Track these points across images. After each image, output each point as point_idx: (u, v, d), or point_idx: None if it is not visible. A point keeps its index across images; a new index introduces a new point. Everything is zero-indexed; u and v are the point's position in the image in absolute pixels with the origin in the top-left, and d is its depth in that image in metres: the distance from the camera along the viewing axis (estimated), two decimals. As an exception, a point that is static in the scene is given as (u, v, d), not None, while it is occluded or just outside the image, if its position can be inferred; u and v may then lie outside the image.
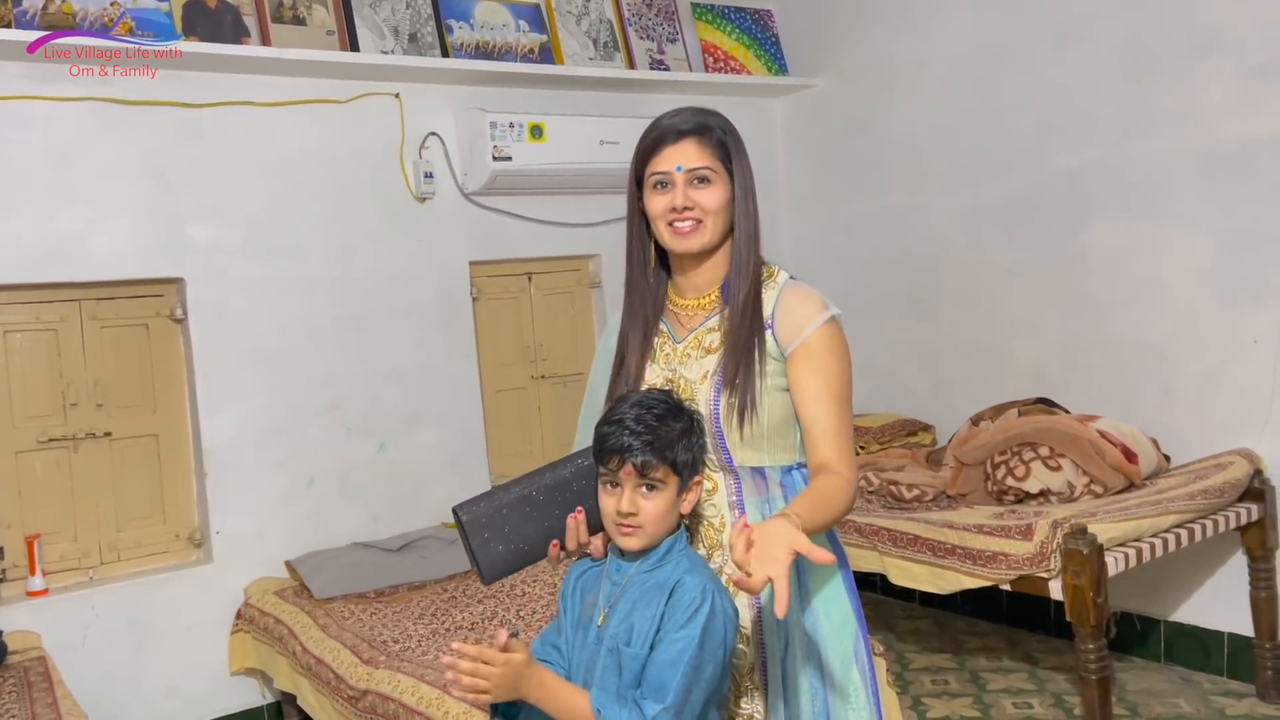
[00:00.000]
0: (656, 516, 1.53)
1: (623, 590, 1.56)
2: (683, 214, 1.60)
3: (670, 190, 1.61)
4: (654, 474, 1.52)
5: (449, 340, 3.83)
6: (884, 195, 4.37)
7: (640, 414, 1.55)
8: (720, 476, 1.64)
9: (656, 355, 1.69)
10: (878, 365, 4.45)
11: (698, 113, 1.67)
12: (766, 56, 4.61)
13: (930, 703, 3.34)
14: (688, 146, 1.62)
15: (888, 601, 4.38)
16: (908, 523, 3.14)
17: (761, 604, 1.60)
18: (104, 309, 3.27)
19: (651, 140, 1.65)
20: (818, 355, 1.60)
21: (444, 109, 3.81)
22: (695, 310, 1.70)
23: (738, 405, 1.59)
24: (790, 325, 1.61)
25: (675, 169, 1.61)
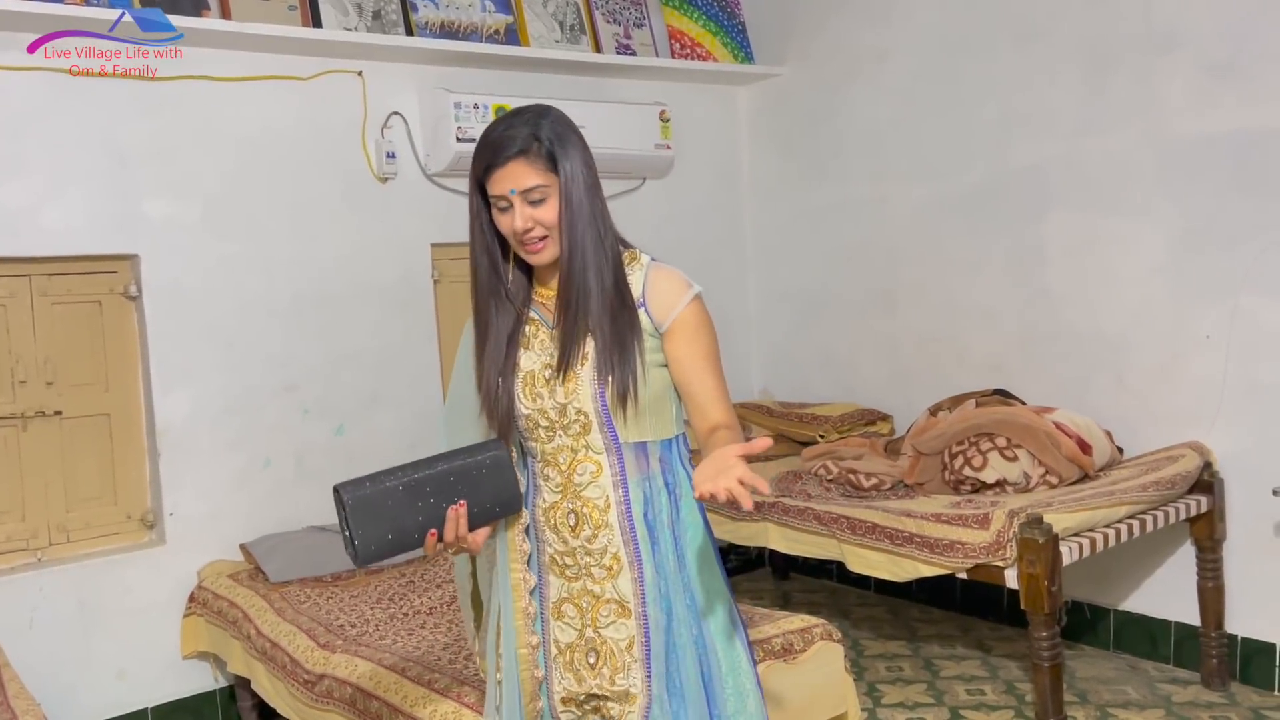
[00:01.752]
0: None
1: None
2: (526, 235, 1.63)
3: (510, 212, 1.63)
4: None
5: (409, 323, 3.79)
6: (846, 185, 4.39)
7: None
8: (604, 458, 1.68)
9: (531, 343, 1.71)
10: (837, 355, 4.49)
11: (524, 122, 1.64)
12: (733, 44, 4.60)
13: (885, 689, 3.38)
14: (517, 168, 1.61)
15: (843, 589, 4.42)
16: (866, 510, 3.16)
17: (645, 578, 1.68)
18: (55, 285, 3.19)
19: (485, 160, 1.64)
20: (694, 329, 1.68)
21: (407, 88, 3.77)
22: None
23: (620, 383, 1.65)
24: (661, 304, 1.68)
25: (510, 192, 1.61)
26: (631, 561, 1.68)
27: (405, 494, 1.56)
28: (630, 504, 1.68)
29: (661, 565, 1.68)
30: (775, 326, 4.74)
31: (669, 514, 1.71)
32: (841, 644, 2.57)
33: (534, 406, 1.69)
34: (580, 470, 1.68)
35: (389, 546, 1.56)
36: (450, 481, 1.59)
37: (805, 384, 4.58)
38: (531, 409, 1.69)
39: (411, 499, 1.56)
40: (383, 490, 1.55)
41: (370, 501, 1.54)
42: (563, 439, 1.68)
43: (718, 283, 4.65)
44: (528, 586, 1.73)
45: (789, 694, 2.38)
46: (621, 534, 1.68)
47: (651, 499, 1.70)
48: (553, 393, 1.67)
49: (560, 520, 1.71)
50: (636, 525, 1.68)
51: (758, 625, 2.53)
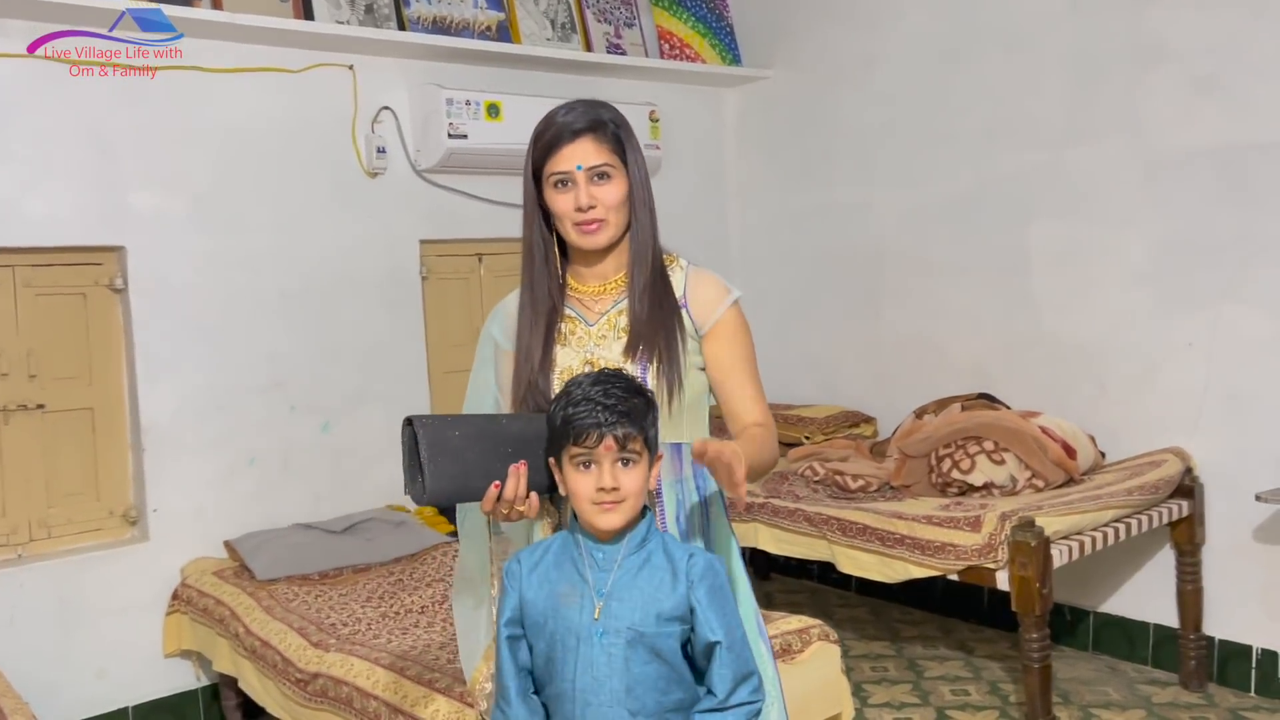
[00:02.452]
0: (638, 490, 1.51)
1: (621, 575, 1.55)
2: (588, 213, 1.63)
3: (572, 189, 1.63)
4: (633, 446, 1.51)
5: (397, 319, 3.76)
6: (831, 189, 4.42)
7: (608, 389, 1.54)
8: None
9: (568, 339, 1.70)
10: (821, 357, 4.52)
11: (590, 108, 1.67)
12: (721, 46, 4.62)
13: (871, 689, 3.41)
14: (585, 144, 1.63)
15: (824, 590, 4.45)
16: (857, 512, 3.19)
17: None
18: (40, 276, 3.13)
19: (548, 139, 1.64)
20: (733, 332, 1.70)
21: (398, 83, 3.74)
22: (601, 294, 1.72)
23: (666, 380, 1.64)
24: (702, 306, 1.69)
25: (575, 168, 1.62)
26: None
27: (475, 441, 1.53)
28: (664, 506, 1.67)
29: None
30: (759, 328, 4.63)
31: (700, 519, 1.70)
32: (837, 645, 2.59)
33: None
34: None
35: (457, 488, 1.53)
36: (513, 441, 1.56)
37: (789, 386, 4.61)
38: None
39: (480, 448, 1.53)
40: (455, 432, 1.52)
41: (444, 439, 1.50)
42: None
43: (702, 284, 4.66)
44: None
45: (788, 694, 2.38)
46: None
47: (684, 503, 1.69)
48: None
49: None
50: (669, 528, 1.67)
51: (755, 626, 2.54)
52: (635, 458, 1.51)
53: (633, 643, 1.51)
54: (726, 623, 1.53)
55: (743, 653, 1.54)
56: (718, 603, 1.52)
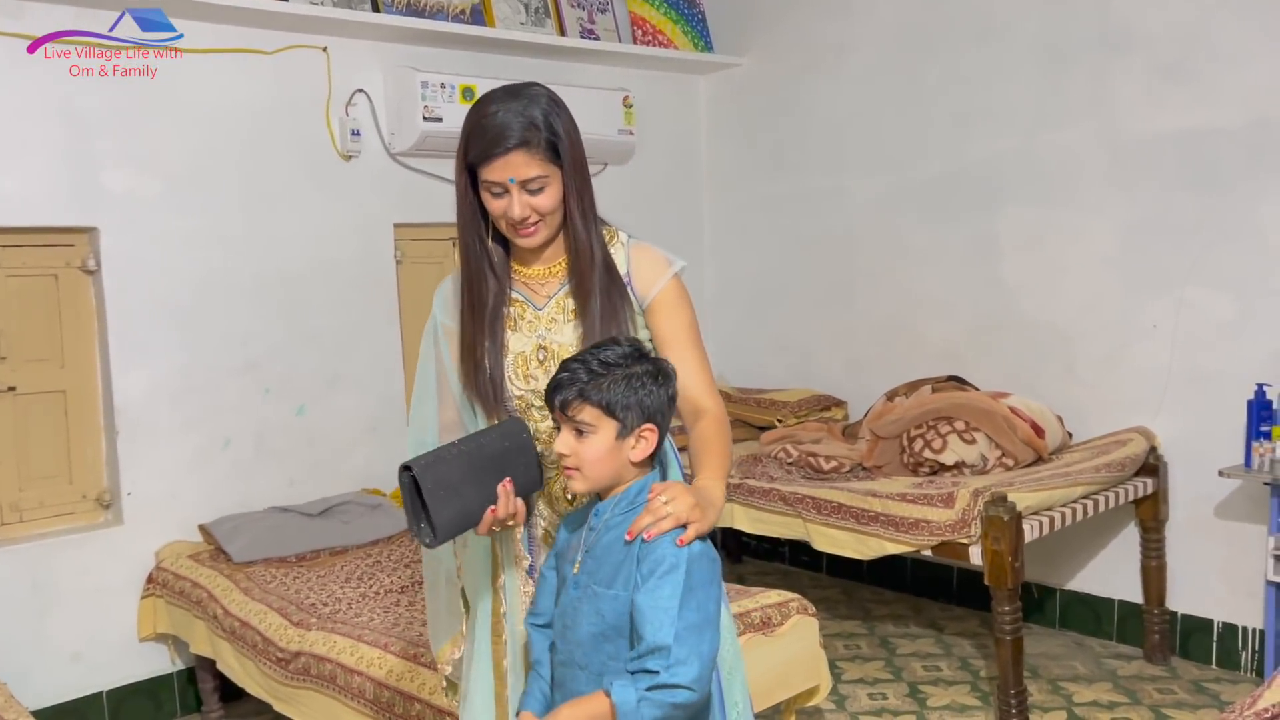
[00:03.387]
0: (592, 459, 1.52)
1: (599, 535, 1.57)
2: (522, 223, 1.63)
3: (506, 198, 1.62)
4: (578, 415, 1.52)
5: (371, 303, 3.75)
6: (804, 176, 4.46)
7: (587, 355, 1.56)
8: None
9: (518, 323, 1.71)
10: (794, 342, 4.56)
11: (519, 110, 1.61)
12: (693, 33, 4.64)
13: (844, 666, 3.46)
14: (516, 159, 1.59)
15: (795, 571, 4.51)
16: (831, 491, 3.23)
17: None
18: (10, 256, 3.09)
19: (480, 149, 1.61)
20: (675, 304, 1.71)
21: (372, 66, 3.73)
22: (547, 278, 1.72)
23: None
24: (645, 280, 1.70)
25: (509, 180, 1.60)
26: None
27: (465, 470, 1.56)
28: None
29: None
30: (731, 313, 4.80)
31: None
32: (815, 618, 2.63)
33: (527, 388, 1.69)
34: None
35: (461, 522, 1.57)
36: (494, 459, 1.59)
37: (761, 370, 4.65)
38: (524, 390, 1.69)
39: (470, 475, 1.56)
40: (448, 467, 1.55)
41: (441, 478, 1.54)
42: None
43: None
44: (522, 564, 1.75)
45: (768, 665, 2.43)
46: None
47: None
48: (548, 373, 1.64)
49: (556, 495, 1.71)
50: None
51: (737, 600, 2.57)
52: (587, 427, 1.52)
53: (592, 599, 1.54)
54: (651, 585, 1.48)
55: (657, 620, 1.46)
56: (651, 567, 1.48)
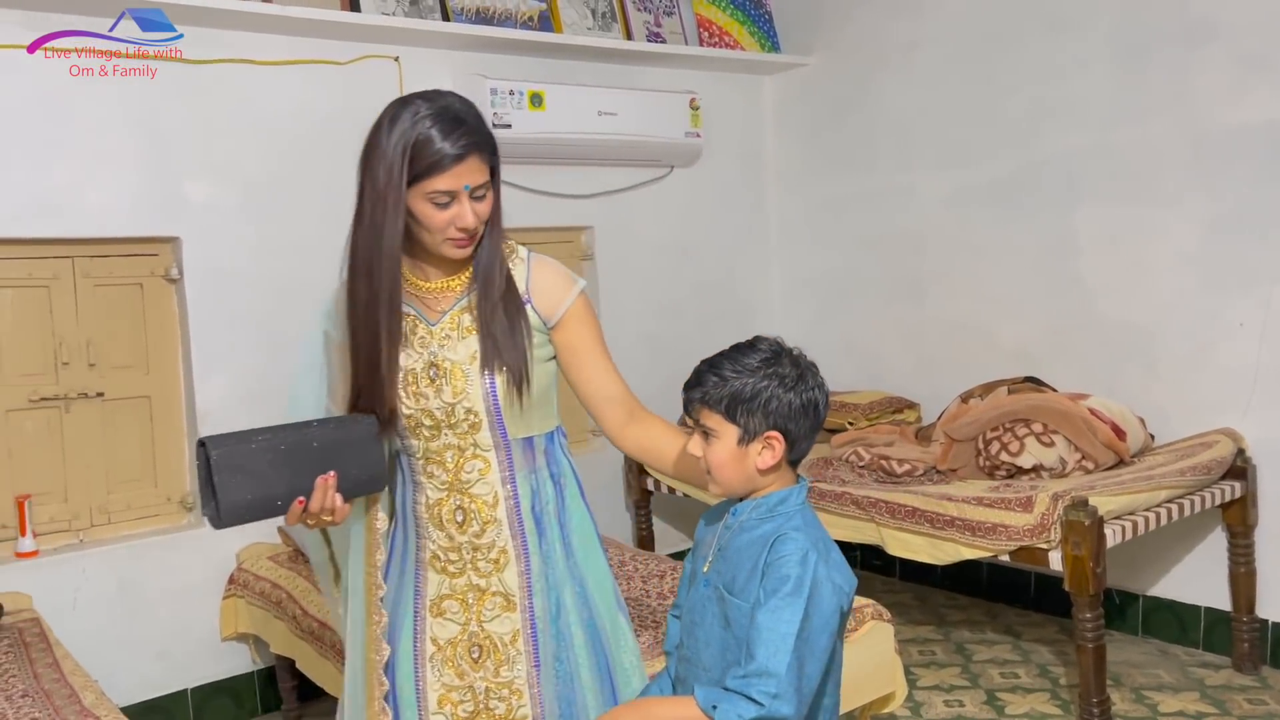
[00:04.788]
0: (717, 464, 1.52)
1: (733, 535, 1.56)
2: (469, 233, 1.59)
3: (454, 207, 1.56)
4: (702, 419, 1.52)
5: (443, 308, 3.79)
6: (872, 174, 4.41)
7: (719, 358, 1.55)
8: (492, 454, 1.67)
9: (409, 339, 1.65)
10: (863, 343, 4.51)
11: (468, 119, 1.59)
12: (760, 34, 4.62)
13: (920, 672, 3.41)
14: (472, 164, 1.56)
15: (867, 576, 4.45)
16: (906, 495, 3.19)
17: (531, 570, 1.69)
18: (97, 267, 3.19)
19: (431, 159, 1.54)
20: (582, 318, 1.70)
21: (442, 74, 3.77)
22: (444, 293, 1.68)
23: (513, 379, 1.63)
24: (548, 300, 1.68)
25: (463, 188, 1.56)
26: (518, 555, 1.68)
27: (275, 456, 1.49)
28: (519, 498, 1.69)
29: (549, 555, 1.70)
30: (800, 315, 4.76)
31: (555, 504, 1.72)
32: (890, 624, 2.60)
33: (416, 406, 1.64)
34: (468, 468, 1.67)
35: (254, 509, 1.49)
36: (320, 450, 1.53)
37: (831, 372, 4.53)
38: (414, 409, 1.65)
39: (282, 462, 1.49)
40: (252, 449, 1.47)
41: (239, 460, 1.46)
42: (449, 438, 1.65)
43: (742, 271, 4.68)
44: (378, 594, 1.70)
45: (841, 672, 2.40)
46: (510, 528, 1.68)
47: (538, 491, 1.70)
48: (439, 392, 1.64)
49: (447, 517, 1.68)
50: (524, 519, 1.69)
51: (808, 605, 2.54)
52: (712, 433, 1.51)
53: (720, 601, 1.54)
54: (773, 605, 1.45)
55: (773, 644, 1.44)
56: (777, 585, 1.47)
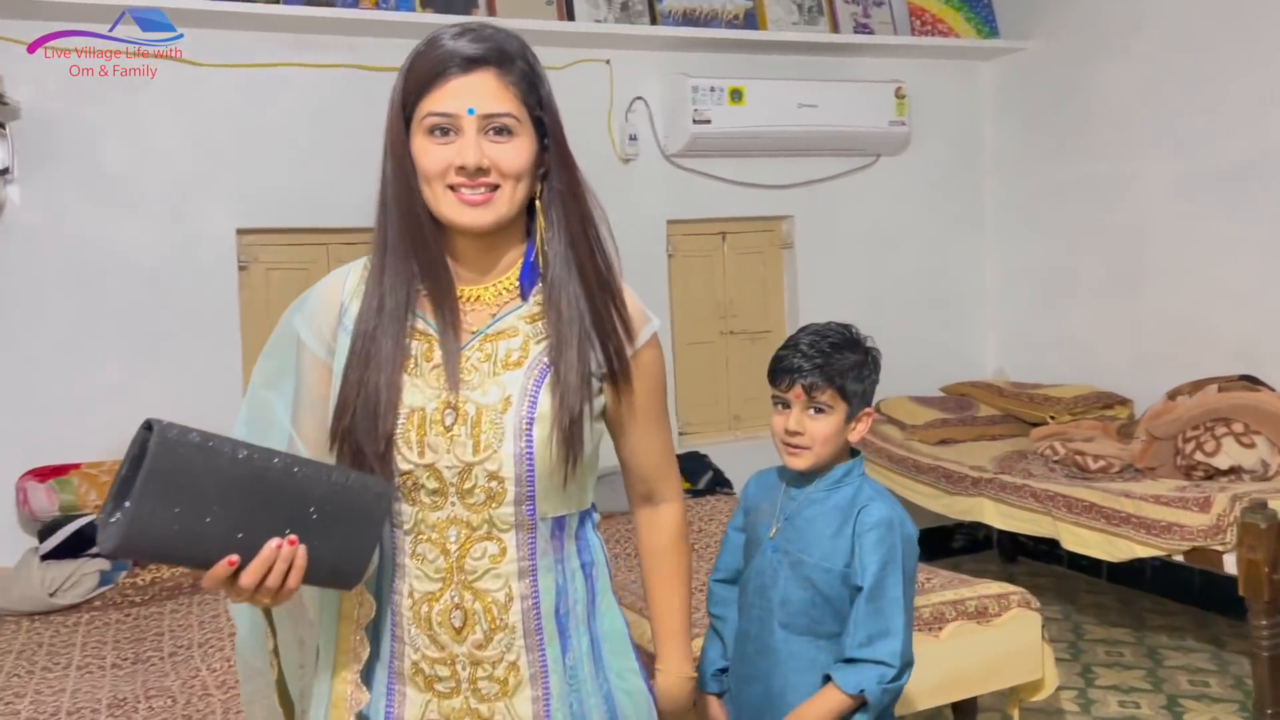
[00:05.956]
0: (823, 438, 1.67)
1: (800, 506, 1.74)
2: (475, 179, 1.18)
3: (455, 140, 1.18)
4: (821, 397, 1.67)
5: (643, 294, 4.01)
6: (1092, 161, 4.26)
7: (815, 340, 1.71)
8: (511, 536, 1.24)
9: (420, 366, 1.24)
10: (1075, 335, 4.37)
11: (492, 33, 1.21)
12: (977, 19, 4.56)
13: (1100, 671, 3.33)
14: (484, 80, 1.18)
15: (1072, 575, 4.33)
16: (1084, 490, 3.14)
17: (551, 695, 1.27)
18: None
19: (430, 65, 1.18)
20: (651, 371, 1.33)
21: (650, 74, 4.03)
22: (476, 304, 1.27)
23: (563, 439, 1.22)
24: None
25: (465, 111, 1.17)
26: (535, 674, 1.26)
27: (236, 485, 1.04)
28: (539, 597, 1.26)
29: (575, 674, 1.29)
30: (1013, 305, 4.67)
31: (584, 605, 1.31)
32: (1039, 613, 2.60)
33: (420, 461, 1.22)
34: (476, 553, 1.23)
35: (166, 546, 1.03)
36: (300, 502, 1.08)
37: (1042, 365, 4.49)
38: (415, 464, 1.22)
39: (238, 496, 1.04)
40: (211, 461, 1.02)
41: (186, 466, 1.00)
42: (455, 509, 1.23)
43: (953, 260, 4.65)
44: (354, 708, 1.26)
45: (980, 654, 2.46)
46: (525, 638, 1.25)
47: (565, 588, 1.29)
48: (454, 445, 1.21)
49: (440, 619, 1.24)
50: (545, 625, 1.26)
51: (955, 588, 2.61)
52: (826, 408, 1.67)
53: (794, 565, 1.71)
54: (879, 575, 1.66)
55: (886, 609, 1.66)
56: (878, 554, 1.67)
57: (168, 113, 3.37)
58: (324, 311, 1.29)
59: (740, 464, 3.35)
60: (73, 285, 3.25)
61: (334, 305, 1.28)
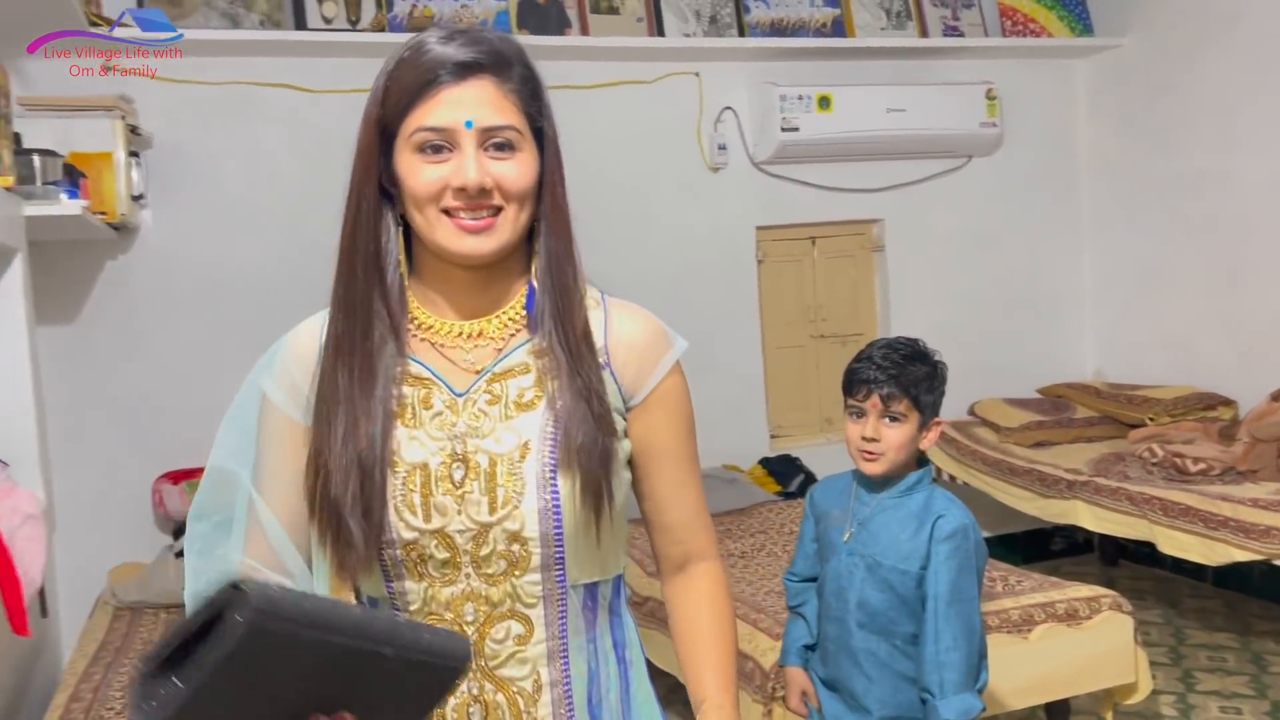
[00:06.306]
0: (897, 445, 1.77)
1: (873, 512, 1.83)
2: (476, 202, 1.03)
3: (450, 157, 1.03)
4: (896, 407, 1.77)
5: (734, 298, 4.15)
6: (1190, 157, 4.18)
7: (888, 353, 1.81)
8: (538, 612, 1.08)
9: (418, 415, 1.08)
10: (1174, 335, 4.30)
11: (486, 35, 1.08)
12: (1070, 17, 4.52)
13: (1202, 676, 3.29)
14: (481, 88, 1.04)
15: (1175, 579, 4.25)
16: (1182, 493, 3.11)
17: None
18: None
19: (418, 73, 1.04)
20: (677, 403, 1.16)
21: (738, 84, 4.11)
22: (475, 340, 1.11)
23: (589, 486, 1.06)
24: (635, 363, 1.13)
25: (463, 124, 1.02)
26: None
27: (306, 668, 0.86)
28: (571, 684, 1.10)
29: None
30: (1110, 305, 4.61)
31: (619, 694, 1.15)
32: (1131, 616, 2.60)
33: (426, 527, 1.05)
34: (497, 634, 1.08)
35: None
36: (366, 684, 0.89)
37: (1139, 365, 4.43)
38: (420, 530, 1.05)
39: (304, 678, 0.87)
40: (290, 654, 0.83)
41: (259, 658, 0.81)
42: (472, 582, 1.07)
43: (1048, 259, 4.61)
44: None
45: (1066, 655, 2.48)
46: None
47: (597, 672, 1.12)
48: (465, 504, 1.05)
49: (456, 716, 1.08)
50: (577, 712, 1.10)
51: (1045, 591, 2.63)
52: (901, 417, 1.77)
53: (871, 568, 1.79)
54: (957, 580, 1.76)
55: (966, 610, 1.75)
56: (955, 560, 1.76)
57: (283, 137, 3.58)
58: (296, 364, 1.11)
59: (830, 466, 3.37)
60: (200, 301, 3.49)
61: (309, 356, 1.11)
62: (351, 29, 3.59)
